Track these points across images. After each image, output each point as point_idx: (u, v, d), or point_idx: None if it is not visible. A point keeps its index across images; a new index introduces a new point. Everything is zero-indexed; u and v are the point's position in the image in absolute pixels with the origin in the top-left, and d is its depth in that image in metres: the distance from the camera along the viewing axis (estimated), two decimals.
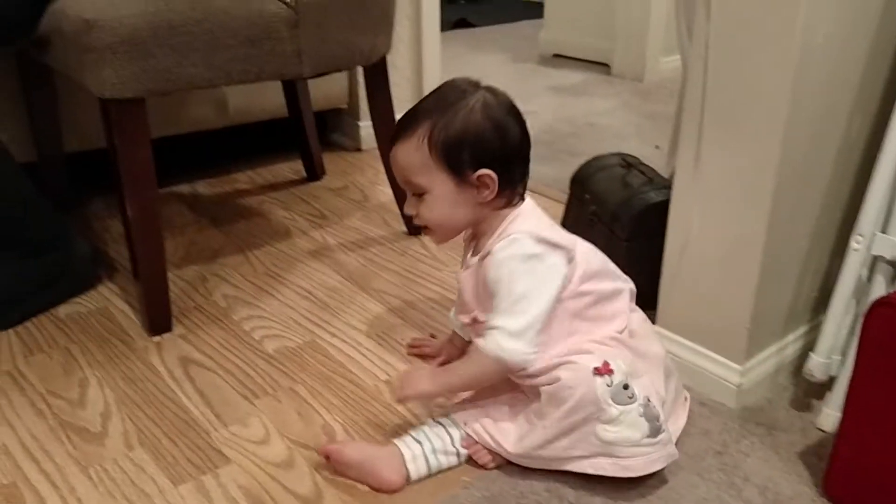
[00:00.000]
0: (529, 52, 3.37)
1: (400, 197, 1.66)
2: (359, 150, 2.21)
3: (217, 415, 1.11)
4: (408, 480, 0.97)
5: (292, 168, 2.08)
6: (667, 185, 1.32)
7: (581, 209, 1.45)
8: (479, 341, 0.96)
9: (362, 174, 2.05)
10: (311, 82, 1.95)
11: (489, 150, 0.95)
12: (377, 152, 2.12)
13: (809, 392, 1.14)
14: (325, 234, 1.70)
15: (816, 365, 1.08)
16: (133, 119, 1.16)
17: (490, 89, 0.99)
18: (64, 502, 0.95)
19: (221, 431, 1.07)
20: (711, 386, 1.13)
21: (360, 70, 1.66)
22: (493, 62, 3.26)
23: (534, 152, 1.00)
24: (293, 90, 1.91)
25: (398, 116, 1.01)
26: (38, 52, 1.29)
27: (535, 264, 0.94)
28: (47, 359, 1.24)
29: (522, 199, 1.01)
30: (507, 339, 0.93)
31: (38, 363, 1.23)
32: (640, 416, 0.92)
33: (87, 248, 1.44)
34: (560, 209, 1.62)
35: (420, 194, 0.99)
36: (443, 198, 0.97)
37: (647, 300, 1.22)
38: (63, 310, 1.38)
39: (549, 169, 1.98)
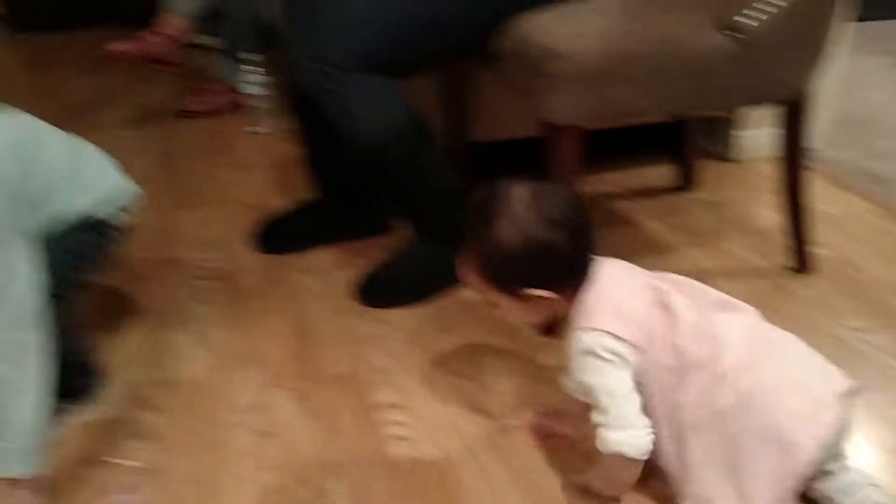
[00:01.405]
0: None
1: (790, 224, 1.53)
2: (733, 160, 2.08)
3: None
4: None
5: (658, 174, 2.01)
6: None
7: None
8: (598, 444, 0.97)
9: (738, 190, 1.94)
10: None
11: (535, 272, 0.95)
12: (757, 165, 1.99)
13: None
14: (699, 253, 1.66)
15: None
16: (571, 145, 1.23)
17: (535, 195, 0.94)
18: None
19: None
20: None
21: None
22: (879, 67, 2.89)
23: None
24: None
25: None
26: (488, 65, 1.42)
27: (592, 359, 0.94)
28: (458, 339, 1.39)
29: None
30: (612, 432, 0.95)
31: (450, 342, 1.38)
32: None
33: None
34: None
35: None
36: (511, 309, 1.01)
37: None
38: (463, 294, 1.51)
39: None
